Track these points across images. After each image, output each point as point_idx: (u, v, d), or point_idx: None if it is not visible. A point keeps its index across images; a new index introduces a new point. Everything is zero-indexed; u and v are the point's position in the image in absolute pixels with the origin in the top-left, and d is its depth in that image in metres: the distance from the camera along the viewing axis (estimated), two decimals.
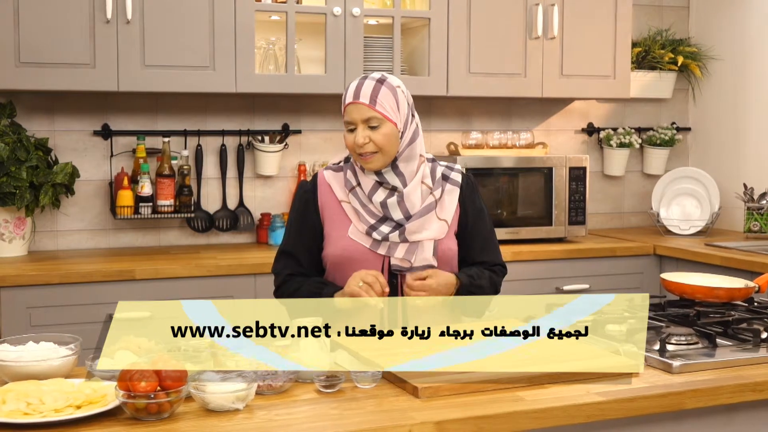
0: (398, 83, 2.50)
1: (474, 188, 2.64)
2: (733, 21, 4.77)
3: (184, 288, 3.49)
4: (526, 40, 4.20)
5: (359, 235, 2.51)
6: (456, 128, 4.52)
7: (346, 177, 2.56)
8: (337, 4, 3.86)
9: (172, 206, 3.90)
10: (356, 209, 2.52)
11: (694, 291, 2.59)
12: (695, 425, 2.00)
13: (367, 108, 2.44)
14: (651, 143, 4.88)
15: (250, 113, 4.18)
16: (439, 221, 2.53)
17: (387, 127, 2.45)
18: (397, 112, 2.47)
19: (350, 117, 2.48)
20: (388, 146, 2.45)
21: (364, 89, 2.45)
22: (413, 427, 1.72)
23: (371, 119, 2.44)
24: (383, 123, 2.45)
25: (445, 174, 2.59)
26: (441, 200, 2.55)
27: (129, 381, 1.73)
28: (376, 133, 2.44)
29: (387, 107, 2.45)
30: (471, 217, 2.60)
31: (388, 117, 2.45)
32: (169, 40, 3.65)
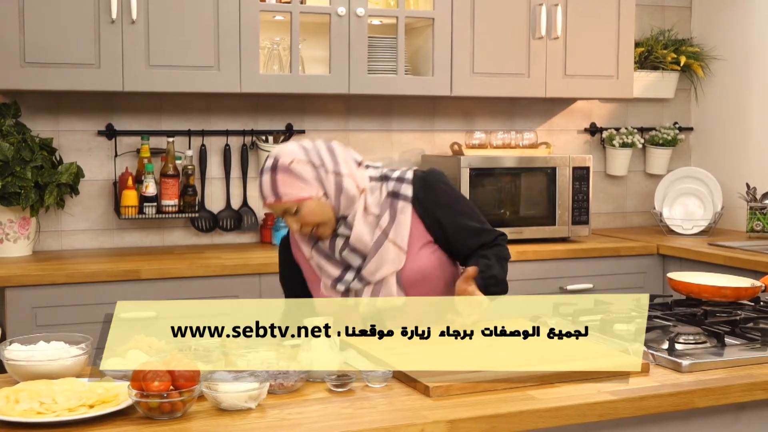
0: (291, 157, 2.40)
1: (432, 188, 2.52)
2: (736, 21, 4.78)
3: (189, 288, 3.50)
4: (530, 40, 4.21)
5: (329, 291, 2.51)
6: (459, 128, 4.52)
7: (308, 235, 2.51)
8: (341, 4, 3.86)
9: (176, 206, 3.90)
10: (320, 265, 2.52)
11: (701, 290, 2.60)
12: (704, 424, 2.01)
13: (277, 203, 2.40)
14: (653, 143, 4.88)
15: (254, 113, 4.19)
16: (396, 248, 2.46)
17: (307, 206, 2.40)
18: (306, 185, 2.39)
19: (275, 214, 2.53)
20: (321, 216, 2.42)
21: (265, 188, 2.41)
22: (426, 426, 1.73)
23: (288, 209, 2.40)
24: (301, 205, 2.39)
25: (394, 191, 2.50)
26: (394, 224, 2.47)
27: (142, 380, 1.74)
28: (300, 217, 2.41)
29: (293, 191, 2.38)
30: (441, 219, 2.51)
31: (300, 198, 2.39)
32: (174, 40, 3.66)
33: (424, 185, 2.52)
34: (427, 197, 2.51)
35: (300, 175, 2.39)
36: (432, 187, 2.52)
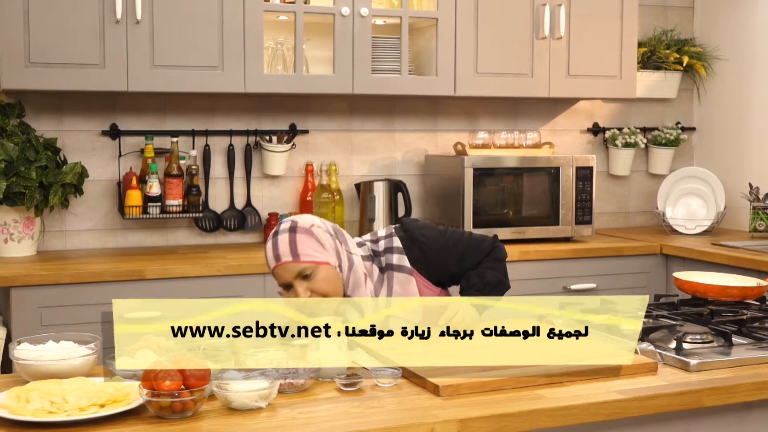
0: (310, 222, 2.40)
1: (420, 240, 2.52)
2: (738, 21, 4.79)
3: (194, 287, 3.50)
4: (533, 40, 4.21)
5: None
6: (462, 128, 4.53)
7: None
8: (345, 5, 3.87)
9: (180, 206, 3.90)
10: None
11: (707, 290, 2.60)
12: (712, 423, 2.01)
13: (293, 264, 2.33)
14: (656, 143, 4.89)
15: (258, 113, 4.19)
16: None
17: (324, 270, 2.35)
18: (325, 251, 2.37)
19: (282, 279, 2.37)
20: (332, 289, 2.37)
21: (281, 248, 2.34)
22: (436, 425, 1.73)
23: (303, 271, 2.33)
24: (317, 269, 2.34)
25: (388, 264, 2.50)
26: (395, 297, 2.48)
27: (153, 380, 1.74)
28: (314, 282, 2.34)
29: (313, 252, 2.34)
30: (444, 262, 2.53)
31: (317, 262, 2.34)
32: (179, 41, 3.66)
33: (414, 244, 2.51)
34: (423, 252, 2.51)
35: (320, 239, 2.37)
36: (421, 240, 2.51)
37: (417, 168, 4.47)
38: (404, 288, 2.48)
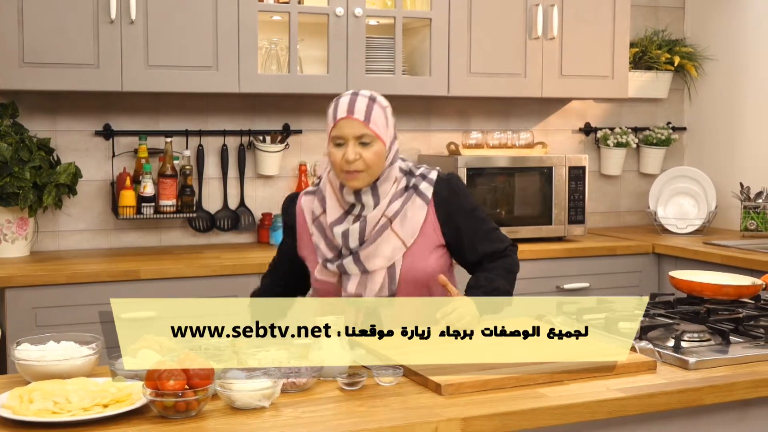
0: (386, 103, 2.48)
1: (456, 192, 2.53)
2: (728, 21, 4.82)
3: (189, 288, 3.50)
4: (526, 40, 4.23)
5: (323, 272, 2.51)
6: (456, 128, 4.54)
7: (314, 204, 2.53)
8: (339, 5, 3.87)
9: (174, 206, 3.90)
10: (317, 245, 2.51)
11: (703, 288, 2.62)
12: (711, 420, 2.03)
13: (361, 124, 2.38)
14: (647, 143, 4.92)
15: (251, 113, 4.19)
16: (397, 239, 2.45)
17: (377, 146, 2.40)
18: (386, 131, 2.43)
19: (341, 132, 2.39)
20: (375, 165, 2.41)
21: (358, 105, 2.40)
22: (440, 423, 1.74)
23: (364, 136, 2.38)
24: (374, 141, 2.39)
25: (414, 185, 2.50)
26: (401, 215, 2.46)
27: (157, 380, 1.74)
28: (366, 151, 2.38)
29: (380, 125, 2.40)
30: (460, 223, 2.52)
31: (379, 135, 2.40)
32: (173, 41, 3.66)
33: (449, 188, 2.52)
34: (451, 200, 2.51)
35: (387, 120, 2.45)
36: (456, 191, 2.53)
37: None
38: (414, 215, 2.47)
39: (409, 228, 2.46)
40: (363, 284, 2.45)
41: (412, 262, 2.47)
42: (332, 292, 2.50)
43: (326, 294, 2.52)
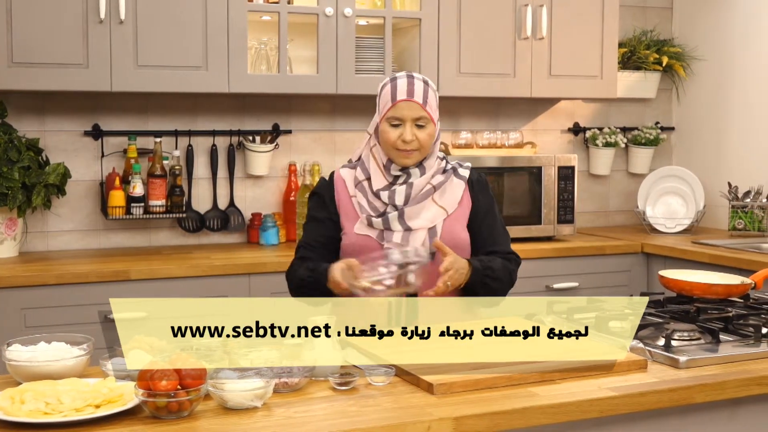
0: (435, 87, 2.64)
1: (485, 185, 2.71)
2: (716, 21, 4.84)
3: (179, 288, 3.49)
4: (516, 40, 4.24)
5: (363, 228, 2.58)
6: (445, 128, 4.54)
7: (356, 172, 2.64)
8: (328, 5, 3.87)
9: (163, 206, 3.89)
10: (360, 203, 2.59)
11: (693, 288, 2.63)
12: (701, 419, 2.04)
13: (419, 107, 2.52)
14: (636, 143, 4.93)
15: (241, 113, 4.19)
16: (438, 207, 2.58)
17: (431, 128, 2.56)
18: (436, 114, 2.59)
19: (401, 113, 2.53)
20: (427, 145, 2.56)
21: (417, 88, 2.53)
22: (432, 423, 1.74)
23: (421, 118, 2.53)
24: (429, 123, 2.55)
25: (454, 167, 2.67)
26: (442, 188, 2.60)
27: (150, 380, 1.74)
28: (421, 132, 2.53)
29: (434, 108, 2.58)
30: (482, 211, 2.66)
31: (433, 118, 2.56)
32: (162, 41, 3.65)
33: (480, 179, 2.71)
34: (482, 188, 2.69)
35: (438, 103, 2.61)
36: (486, 183, 2.73)
37: None
38: (453, 190, 2.62)
39: (449, 199, 2.61)
40: (405, 239, 2.55)
41: (452, 229, 2.60)
42: (370, 248, 2.54)
43: (362, 250, 2.54)
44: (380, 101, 2.59)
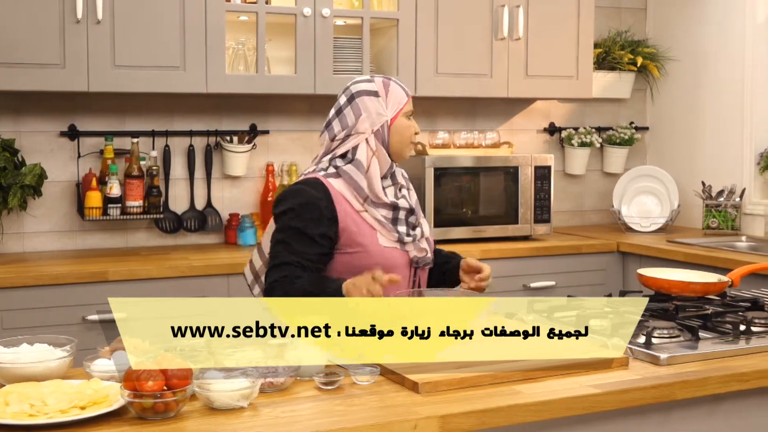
0: None
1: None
2: (689, 22, 4.88)
3: (158, 289, 3.48)
4: (492, 41, 4.26)
5: (387, 240, 2.51)
6: (422, 128, 4.54)
7: (355, 186, 2.50)
8: (306, 5, 3.87)
9: (141, 207, 3.88)
10: (377, 219, 2.50)
11: (671, 286, 2.66)
12: (683, 415, 2.06)
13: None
14: (611, 142, 4.97)
15: (218, 113, 4.18)
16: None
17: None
18: None
19: (412, 107, 2.65)
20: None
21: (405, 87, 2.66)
22: (419, 421, 1.75)
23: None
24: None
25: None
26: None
27: (136, 380, 1.73)
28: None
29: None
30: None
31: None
32: (140, 41, 3.64)
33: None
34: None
35: None
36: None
37: None
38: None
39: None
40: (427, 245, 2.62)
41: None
42: (397, 260, 2.52)
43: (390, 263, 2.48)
44: (391, 99, 2.56)
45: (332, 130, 2.57)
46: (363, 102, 2.55)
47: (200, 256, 3.77)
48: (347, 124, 2.54)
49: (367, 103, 2.54)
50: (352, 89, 2.58)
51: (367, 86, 2.57)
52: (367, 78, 2.60)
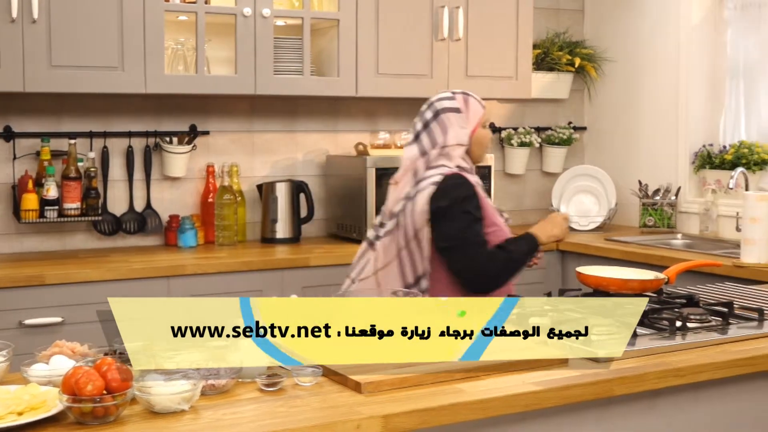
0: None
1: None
2: (626, 24, 4.96)
3: (97, 292, 3.43)
4: (433, 41, 4.28)
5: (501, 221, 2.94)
6: (363, 128, 4.57)
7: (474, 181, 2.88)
8: (246, 5, 3.86)
9: (78, 209, 3.82)
10: (490, 203, 2.93)
11: (609, 283, 2.69)
12: (622, 410, 2.09)
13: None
14: (549, 142, 5.03)
15: (157, 114, 4.14)
16: None
17: None
18: None
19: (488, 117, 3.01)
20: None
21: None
22: (362, 421, 1.75)
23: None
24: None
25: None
26: None
27: (74, 385, 1.71)
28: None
29: None
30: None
31: None
32: (77, 40, 3.59)
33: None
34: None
35: None
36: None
37: (319, 168, 4.48)
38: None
39: None
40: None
41: None
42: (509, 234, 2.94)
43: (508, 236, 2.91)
44: (472, 112, 2.92)
45: (421, 143, 2.91)
46: (448, 118, 2.88)
47: (140, 259, 3.73)
48: (436, 140, 2.87)
49: (451, 118, 2.88)
50: (436, 106, 2.92)
51: (449, 103, 2.91)
52: (449, 95, 2.94)
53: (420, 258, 2.80)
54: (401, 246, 2.82)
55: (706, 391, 2.20)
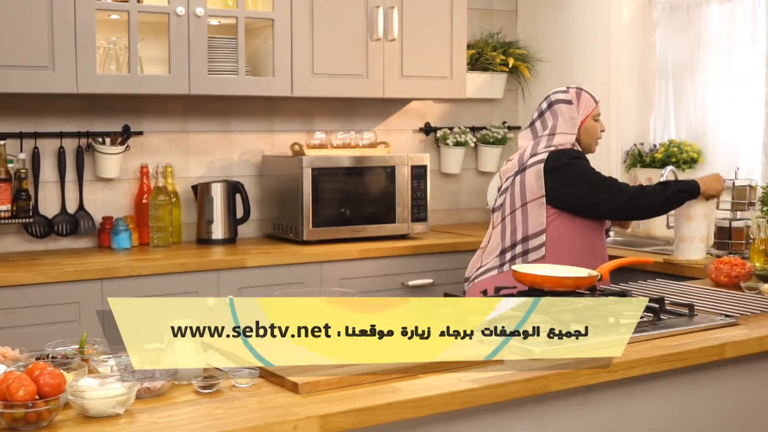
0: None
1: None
2: (557, 24, 5.03)
3: (28, 296, 3.37)
4: (368, 41, 4.29)
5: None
6: (299, 128, 4.55)
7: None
8: (180, 4, 3.82)
9: (9, 211, 3.75)
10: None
11: (544, 281, 2.72)
12: (557, 406, 2.13)
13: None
14: (484, 142, 5.07)
15: (89, 114, 4.08)
16: None
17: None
18: None
19: (599, 111, 3.37)
20: None
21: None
22: (299, 422, 1.75)
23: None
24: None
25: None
26: None
27: (6, 390, 1.68)
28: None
29: None
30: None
31: None
32: (6, 39, 3.52)
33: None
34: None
35: None
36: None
37: (254, 169, 4.46)
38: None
39: None
40: None
41: None
42: None
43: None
44: (582, 106, 3.32)
45: (535, 129, 3.35)
46: (560, 108, 3.31)
47: (72, 261, 3.67)
48: (547, 125, 3.30)
49: (562, 109, 3.30)
50: (551, 98, 3.36)
51: (562, 96, 3.34)
52: (563, 89, 3.37)
53: (523, 224, 3.23)
54: (505, 214, 3.29)
55: (638, 385, 2.24)
